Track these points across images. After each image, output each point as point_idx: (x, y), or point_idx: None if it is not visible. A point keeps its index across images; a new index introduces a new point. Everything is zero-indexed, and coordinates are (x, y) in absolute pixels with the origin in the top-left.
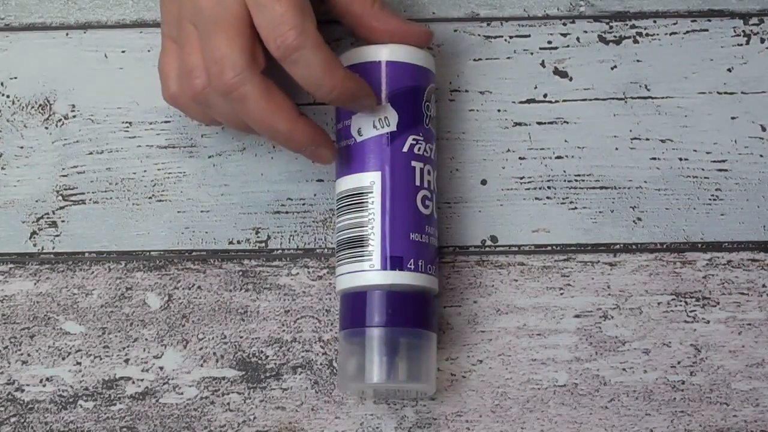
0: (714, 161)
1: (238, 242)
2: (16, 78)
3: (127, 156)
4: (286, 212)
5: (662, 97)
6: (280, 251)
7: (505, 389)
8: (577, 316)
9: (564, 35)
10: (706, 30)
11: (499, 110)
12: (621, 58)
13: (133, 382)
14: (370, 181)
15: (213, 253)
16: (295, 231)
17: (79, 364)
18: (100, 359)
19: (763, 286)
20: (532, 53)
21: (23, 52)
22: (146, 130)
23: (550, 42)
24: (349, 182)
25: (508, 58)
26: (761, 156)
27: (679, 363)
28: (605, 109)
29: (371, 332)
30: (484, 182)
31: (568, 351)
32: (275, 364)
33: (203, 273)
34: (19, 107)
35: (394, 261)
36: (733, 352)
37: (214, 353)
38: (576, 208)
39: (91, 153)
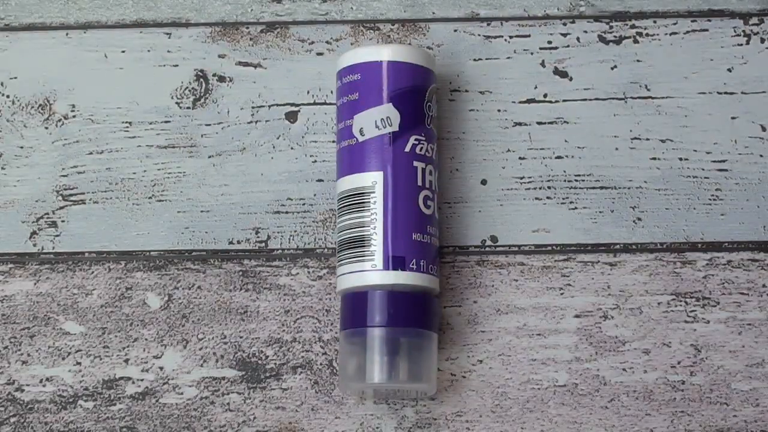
0: (714, 161)
1: (238, 242)
2: (16, 78)
3: (127, 156)
4: (286, 212)
5: (662, 97)
6: (280, 251)
7: (505, 389)
8: (577, 316)
9: (564, 35)
10: (706, 30)
11: (499, 110)
12: (621, 58)
13: (133, 382)
14: (371, 180)
15: (213, 253)
16: (295, 231)
17: (79, 364)
18: (100, 359)
19: (763, 286)
20: (532, 53)
21: (23, 52)
22: (146, 130)
23: (550, 42)
24: (350, 182)
25: (508, 58)
26: (761, 156)
27: (679, 363)
28: (605, 109)
29: (372, 332)
30: (484, 182)
31: (568, 351)
32: (275, 364)
33: (203, 273)
34: (19, 107)
35: (396, 261)
36: (733, 352)
37: (214, 353)
38: (576, 208)
39: (91, 153)
